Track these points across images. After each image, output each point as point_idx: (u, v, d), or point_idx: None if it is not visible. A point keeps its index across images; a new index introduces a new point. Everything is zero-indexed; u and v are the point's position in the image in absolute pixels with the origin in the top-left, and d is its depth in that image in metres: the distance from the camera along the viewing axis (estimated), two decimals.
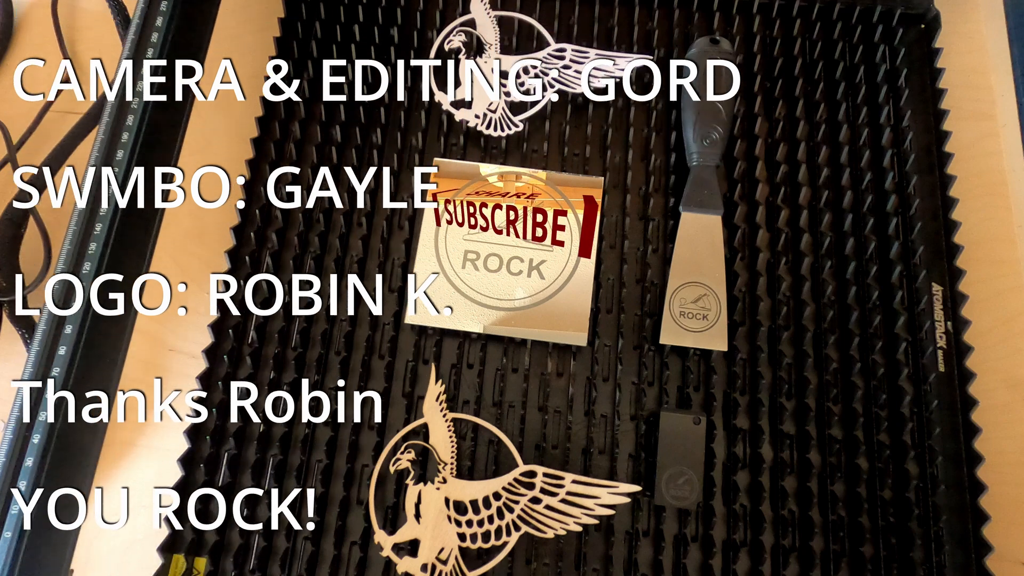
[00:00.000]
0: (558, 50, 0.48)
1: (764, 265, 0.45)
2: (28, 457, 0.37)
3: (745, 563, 0.40)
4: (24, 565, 0.36)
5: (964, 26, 0.51)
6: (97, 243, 0.40)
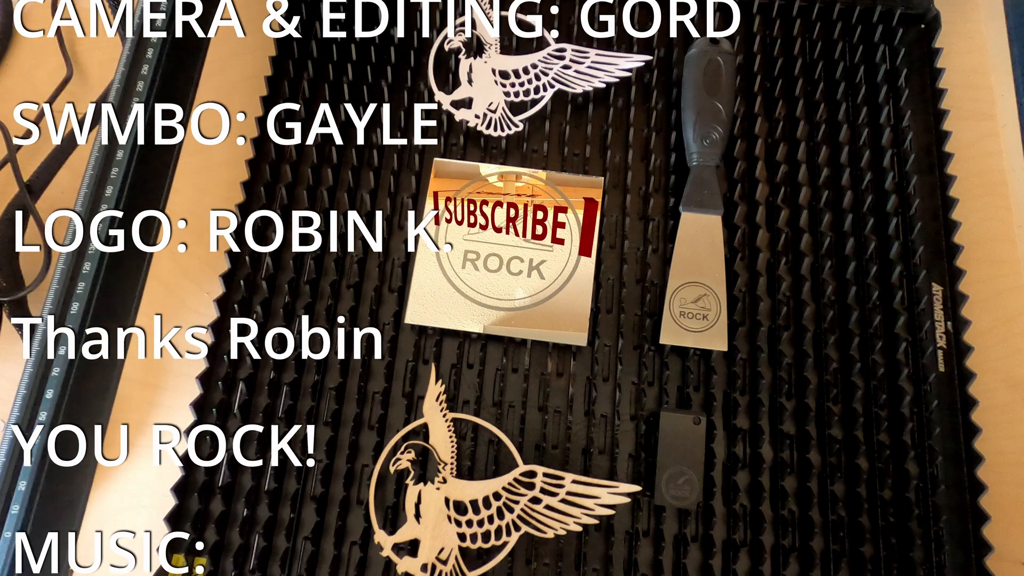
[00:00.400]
0: (558, 50, 0.48)
1: (764, 265, 0.45)
2: (28, 457, 0.37)
3: (745, 563, 0.40)
4: (24, 565, 0.36)
5: (964, 26, 0.51)
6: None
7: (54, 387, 0.38)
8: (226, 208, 0.46)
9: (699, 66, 0.46)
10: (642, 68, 0.48)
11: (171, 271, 0.46)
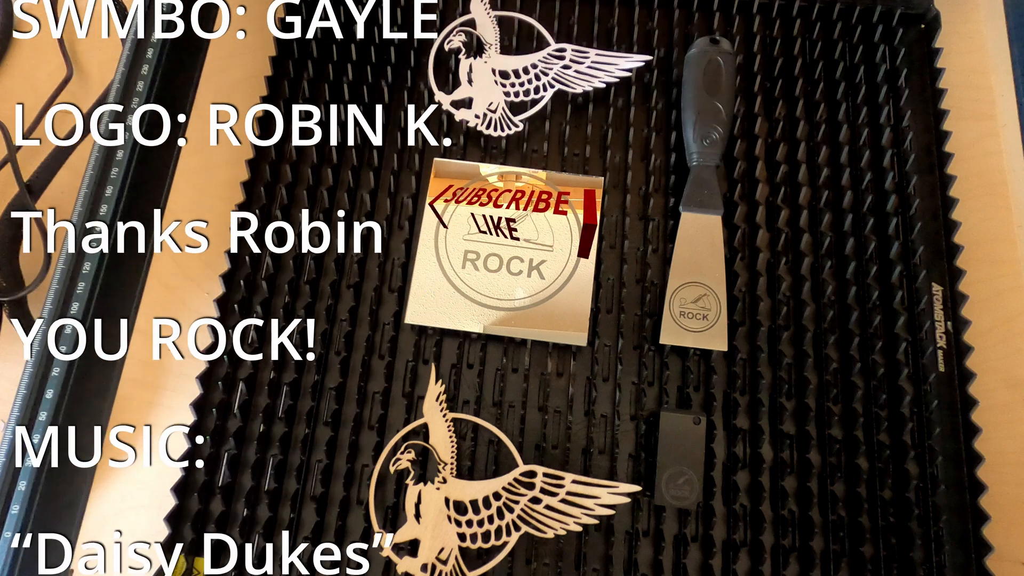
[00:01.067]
0: (558, 50, 0.48)
1: (764, 265, 0.45)
2: (28, 457, 0.37)
3: (745, 563, 0.40)
4: (24, 565, 0.36)
5: (964, 26, 0.51)
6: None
7: (54, 387, 0.38)
8: (225, 208, 0.46)
9: (699, 66, 0.46)
10: (642, 68, 0.48)
11: (171, 271, 0.46)
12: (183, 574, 0.39)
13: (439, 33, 0.50)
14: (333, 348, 0.44)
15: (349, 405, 0.43)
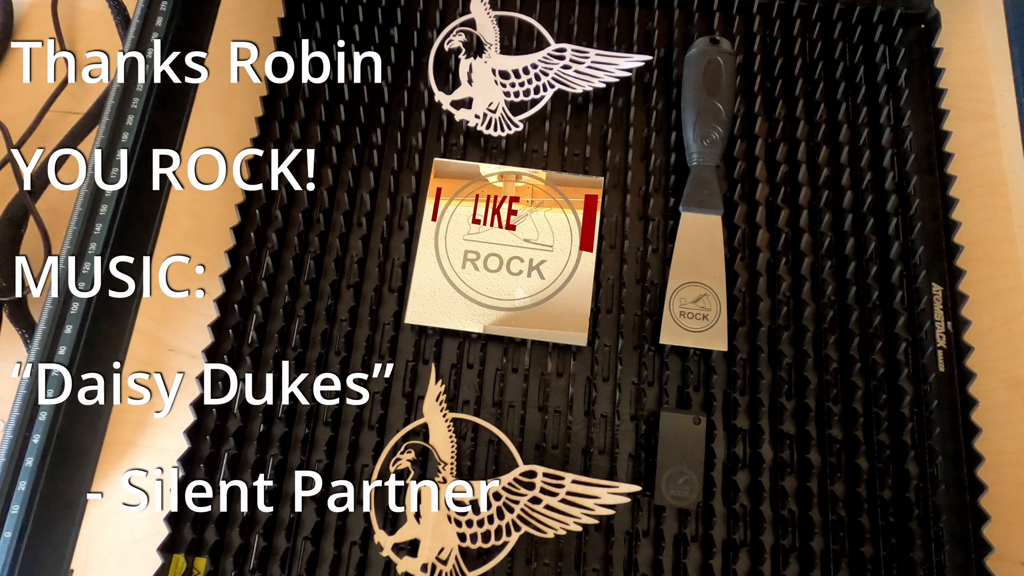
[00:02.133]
0: (558, 50, 0.48)
1: (764, 265, 0.45)
2: (28, 457, 0.37)
3: (745, 563, 0.40)
4: (24, 565, 0.36)
5: (964, 26, 0.51)
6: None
7: (54, 387, 0.38)
8: (226, 207, 0.46)
9: (699, 66, 0.46)
10: (642, 68, 0.48)
11: (171, 271, 0.46)
12: (183, 574, 0.39)
13: (439, 33, 0.50)
14: (333, 348, 0.44)
15: (349, 405, 0.43)
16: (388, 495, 0.41)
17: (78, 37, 0.54)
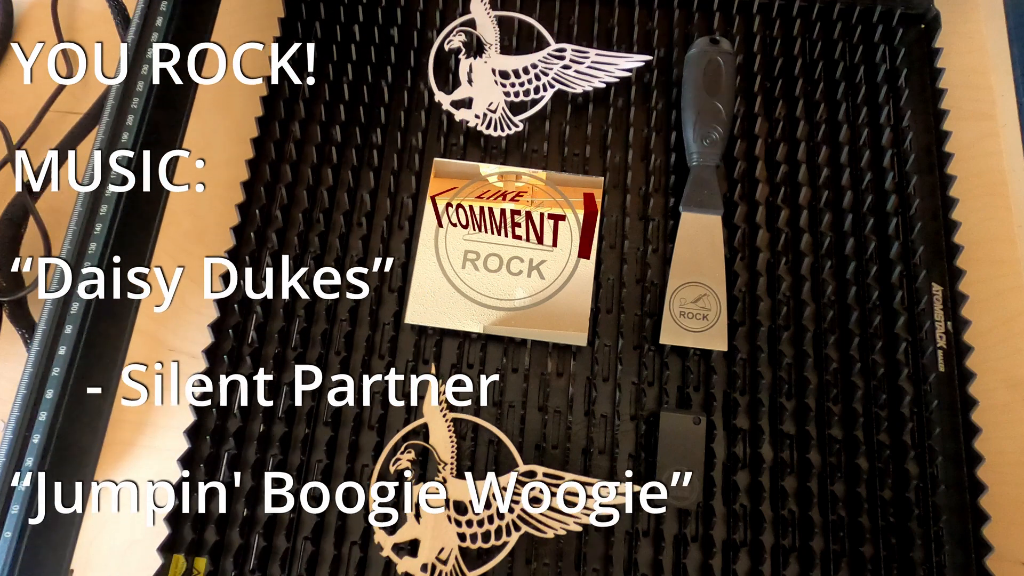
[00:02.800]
0: (558, 50, 0.48)
1: (764, 265, 0.45)
2: (28, 457, 0.37)
3: (745, 563, 0.40)
4: (24, 565, 0.36)
5: (964, 26, 0.51)
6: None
7: (54, 387, 0.38)
8: (226, 207, 0.46)
9: (699, 66, 0.46)
10: (642, 68, 0.48)
11: (171, 271, 0.46)
12: (183, 574, 0.39)
13: (439, 33, 0.50)
14: (333, 348, 0.44)
15: (350, 406, 0.43)
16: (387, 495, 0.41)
17: (78, 37, 0.54)
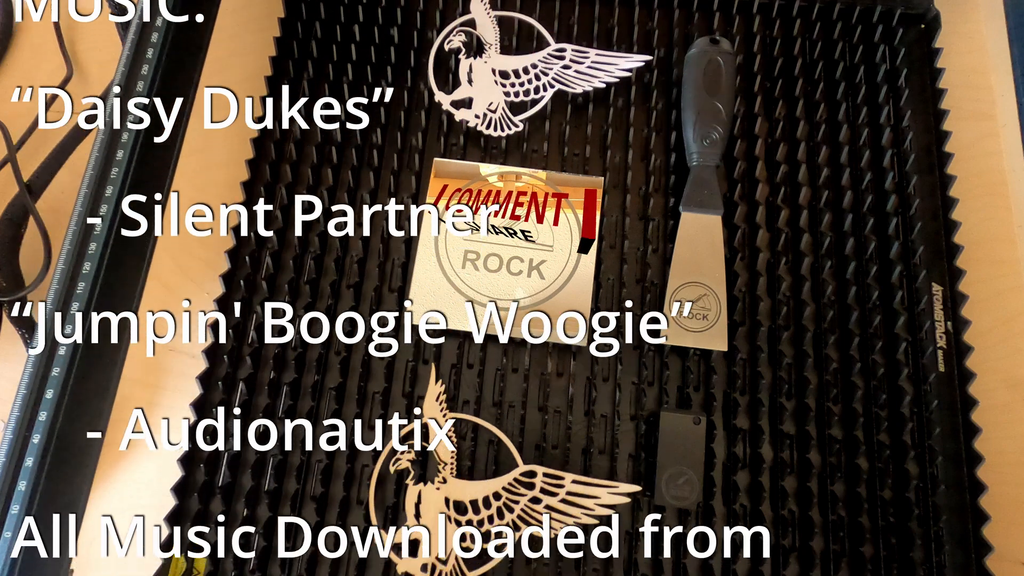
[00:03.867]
0: (558, 50, 0.48)
1: (764, 265, 0.45)
2: (28, 457, 0.37)
3: (745, 563, 0.40)
4: (24, 565, 0.36)
5: (964, 26, 0.51)
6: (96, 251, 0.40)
7: (54, 387, 0.38)
8: None
9: (699, 66, 0.46)
10: (642, 68, 0.48)
11: (171, 271, 0.47)
12: (183, 574, 0.39)
13: (439, 33, 0.50)
14: (333, 348, 0.44)
15: (349, 405, 0.43)
16: (387, 495, 0.41)
17: (78, 37, 0.54)
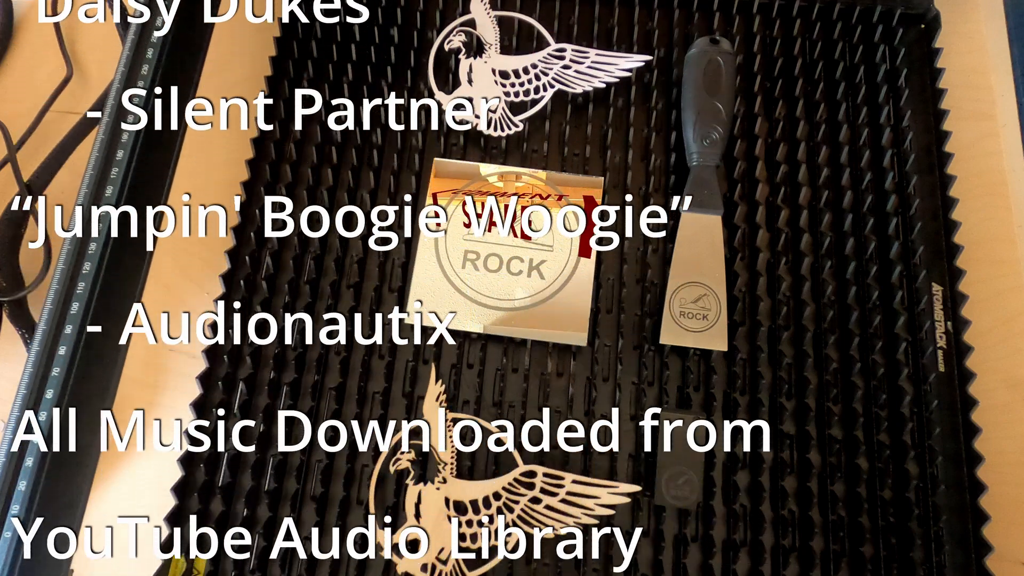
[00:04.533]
0: (558, 50, 0.48)
1: (764, 265, 0.45)
2: (28, 457, 0.37)
3: (745, 563, 0.40)
4: (24, 565, 0.36)
5: (964, 26, 0.51)
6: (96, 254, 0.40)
7: (54, 387, 0.38)
8: (226, 208, 0.46)
9: (699, 66, 0.46)
10: (642, 68, 0.48)
11: (171, 271, 0.47)
12: (183, 574, 0.39)
13: (439, 33, 0.50)
14: (333, 348, 0.44)
15: (349, 405, 0.43)
16: (388, 495, 0.41)
17: (78, 37, 0.54)
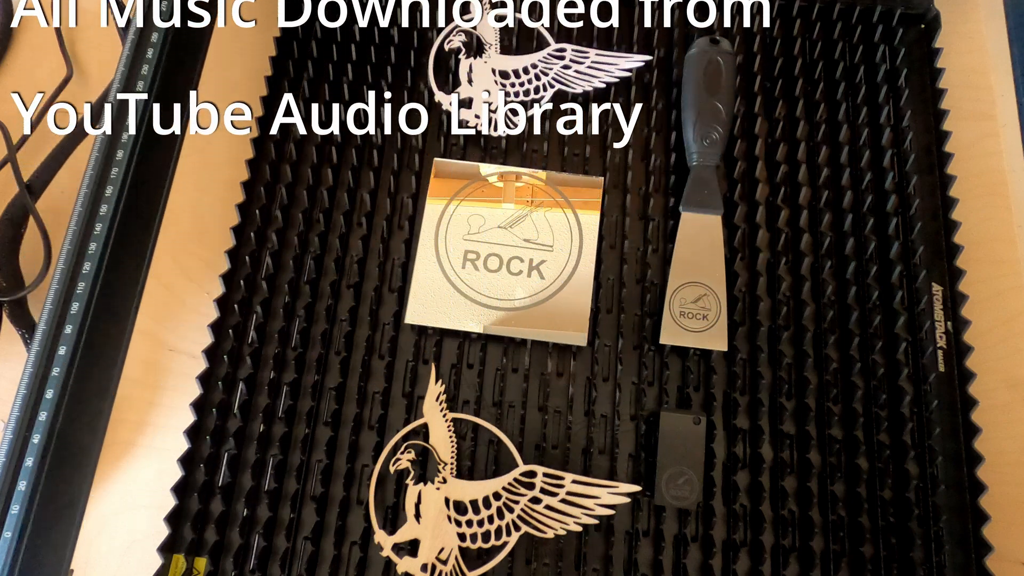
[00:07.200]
0: (558, 50, 0.48)
1: (764, 265, 0.45)
2: (28, 457, 0.37)
3: (745, 563, 0.40)
4: (24, 565, 0.36)
5: (964, 26, 0.51)
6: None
7: (54, 387, 0.38)
8: (225, 208, 0.46)
9: (699, 66, 0.46)
10: (642, 68, 0.48)
11: (171, 271, 0.47)
12: (183, 574, 0.39)
13: (439, 33, 0.50)
14: (333, 348, 0.44)
15: (349, 405, 0.43)
16: (387, 495, 0.41)
17: (78, 37, 0.54)
